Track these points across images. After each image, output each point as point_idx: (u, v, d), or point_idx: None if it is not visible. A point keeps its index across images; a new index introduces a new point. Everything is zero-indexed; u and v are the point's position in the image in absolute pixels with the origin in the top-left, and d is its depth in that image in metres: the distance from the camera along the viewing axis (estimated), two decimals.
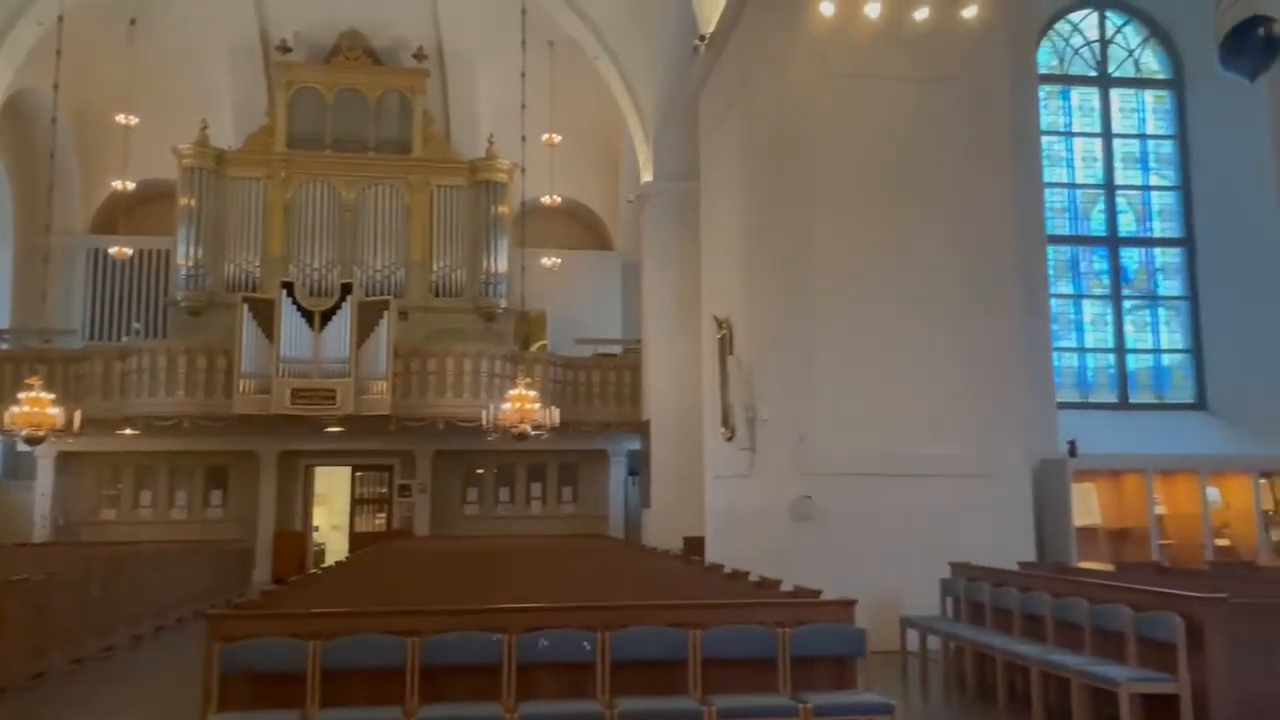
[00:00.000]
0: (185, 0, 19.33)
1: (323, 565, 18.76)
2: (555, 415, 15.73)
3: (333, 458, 21.18)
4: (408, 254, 20.38)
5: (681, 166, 17.83)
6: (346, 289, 18.31)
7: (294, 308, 17.91)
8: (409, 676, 5.69)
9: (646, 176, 18.98)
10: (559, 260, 20.40)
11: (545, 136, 17.69)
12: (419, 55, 20.94)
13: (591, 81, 19.51)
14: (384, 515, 21.51)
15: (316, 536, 21.70)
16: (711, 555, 13.48)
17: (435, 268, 20.42)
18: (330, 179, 20.32)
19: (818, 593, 6.88)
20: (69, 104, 20.34)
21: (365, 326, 18.06)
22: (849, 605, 6.30)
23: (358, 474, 21.62)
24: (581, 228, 24.27)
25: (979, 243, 11.68)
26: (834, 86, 11.66)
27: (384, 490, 21.62)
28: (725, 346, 12.55)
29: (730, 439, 12.36)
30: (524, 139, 16.12)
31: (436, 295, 20.43)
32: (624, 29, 17.96)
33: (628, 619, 6.11)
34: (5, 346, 19.45)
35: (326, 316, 18.00)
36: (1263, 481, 11.74)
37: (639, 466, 19.93)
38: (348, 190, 20.36)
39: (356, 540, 20.80)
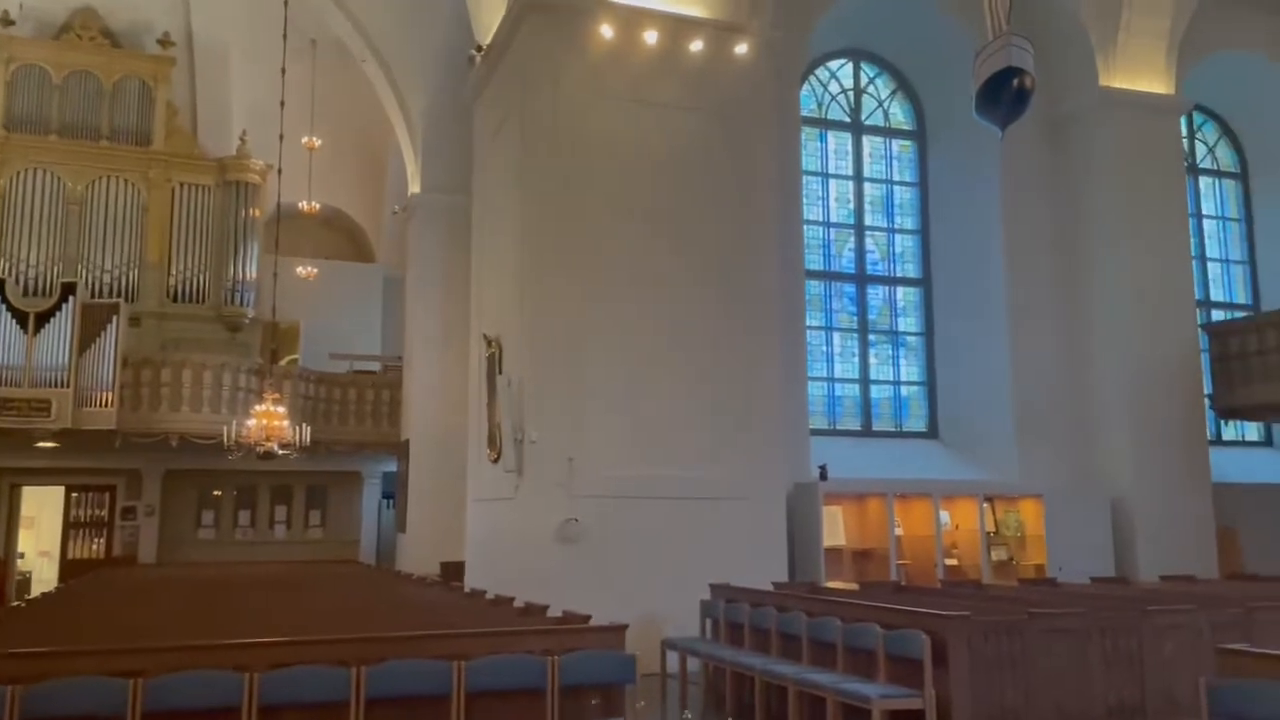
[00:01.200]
0: None
1: (27, 597, 16.66)
2: (306, 433, 14.80)
3: (44, 476, 18.91)
4: (143, 254, 18.64)
5: (452, 179, 17.39)
6: (69, 289, 16.47)
7: (3, 306, 15.89)
8: None
9: (414, 188, 18.36)
10: (315, 270, 19.36)
11: (305, 139, 16.73)
12: (164, 41, 19.31)
13: (357, 85, 18.70)
14: (103, 540, 19.40)
15: (21, 564, 19.28)
16: (471, 581, 13.07)
17: (174, 271, 18.80)
18: (54, 167, 18.29)
19: (586, 618, 6.72)
20: None
21: (89, 332, 16.31)
22: (619, 630, 6.17)
23: (73, 494, 19.40)
24: (341, 237, 23.20)
25: (744, 273, 12.06)
26: (611, 108, 11.72)
27: (104, 513, 19.51)
28: (494, 365, 12.24)
29: (496, 460, 12.04)
30: (282, 138, 15.13)
31: (174, 300, 18.80)
32: (394, 33, 17.34)
33: (385, 651, 5.68)
34: None
35: (43, 319, 16.11)
36: (985, 505, 12.78)
37: (395, 489, 19.14)
38: (75, 181, 18.39)
39: (69, 568, 18.64)
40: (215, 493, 19.98)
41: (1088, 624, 7.25)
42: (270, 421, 14.40)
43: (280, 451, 14.60)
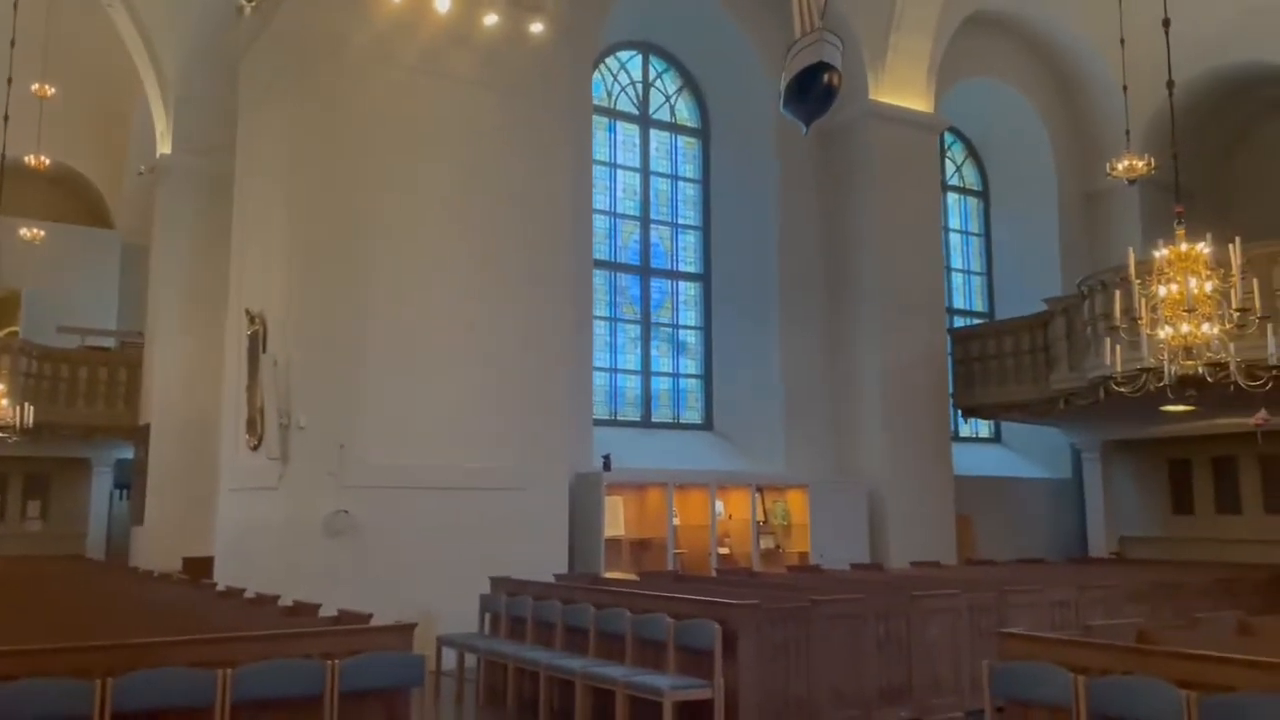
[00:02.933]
0: None
1: None
2: (30, 415, 13.09)
3: None
4: None
5: (209, 139, 15.92)
6: None
7: None
8: None
9: (164, 148, 16.72)
10: (42, 233, 17.25)
11: (35, 86, 14.81)
12: None
13: (100, 31, 16.80)
14: None
15: None
16: (222, 577, 12.01)
17: None
18: None
19: (368, 617, 6.23)
20: None
21: None
22: (406, 630, 5.76)
23: None
24: (71, 198, 20.83)
25: (533, 257, 11.78)
26: (397, 78, 11.10)
27: None
28: (258, 343, 11.30)
29: (257, 447, 11.12)
30: (10, 80, 13.30)
31: None
32: None
33: (135, 660, 5.00)
34: None
35: None
36: (756, 495, 13.17)
37: (131, 477, 17.39)
38: None
39: None
40: None
41: (865, 609, 7.54)
42: None
43: None
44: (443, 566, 10.37)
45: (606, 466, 12.10)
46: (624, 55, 15.15)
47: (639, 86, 15.26)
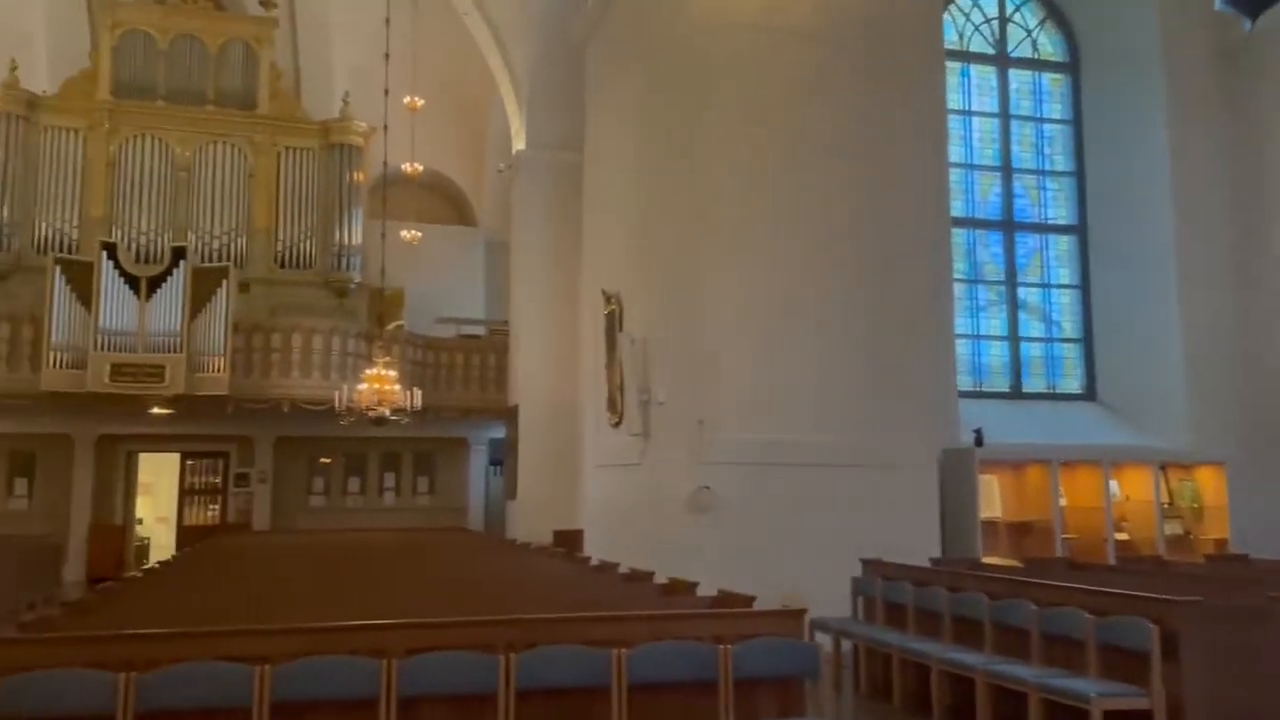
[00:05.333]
0: None
1: (145, 563, 16.71)
2: (417, 398, 14.30)
3: (160, 443, 18.99)
4: (250, 220, 18.42)
5: (559, 134, 16.63)
6: (179, 253, 16.32)
7: (116, 272, 15.80)
8: (257, 718, 4.38)
9: (519, 145, 17.68)
10: (419, 234, 18.87)
11: (407, 99, 16.15)
12: (266, 3, 18.96)
13: (458, 42, 18.04)
14: (217, 507, 19.45)
15: (140, 530, 19.47)
16: (590, 550, 12.42)
17: (281, 237, 18.54)
18: (162, 133, 18.14)
19: (750, 599, 5.91)
20: None
21: (200, 297, 16.14)
22: (795, 616, 5.35)
23: (188, 462, 19.47)
24: (442, 201, 22.76)
25: (885, 219, 11.04)
26: (738, 38, 10.75)
27: (218, 480, 19.55)
28: (614, 323, 11.48)
29: (618, 424, 11.31)
30: (387, 92, 14.57)
31: (282, 266, 18.56)
32: None
33: (535, 635, 4.97)
34: None
35: (155, 284, 15.98)
36: (1159, 473, 11.51)
37: (504, 455, 18.66)
38: (182, 147, 18.22)
39: (185, 535, 18.72)
40: (324, 460, 19.84)
41: None
42: (382, 385, 13.94)
43: (392, 417, 14.15)
44: (805, 545, 9.94)
45: (979, 442, 11.08)
46: None
47: (994, 24, 13.88)
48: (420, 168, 17.49)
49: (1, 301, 16.52)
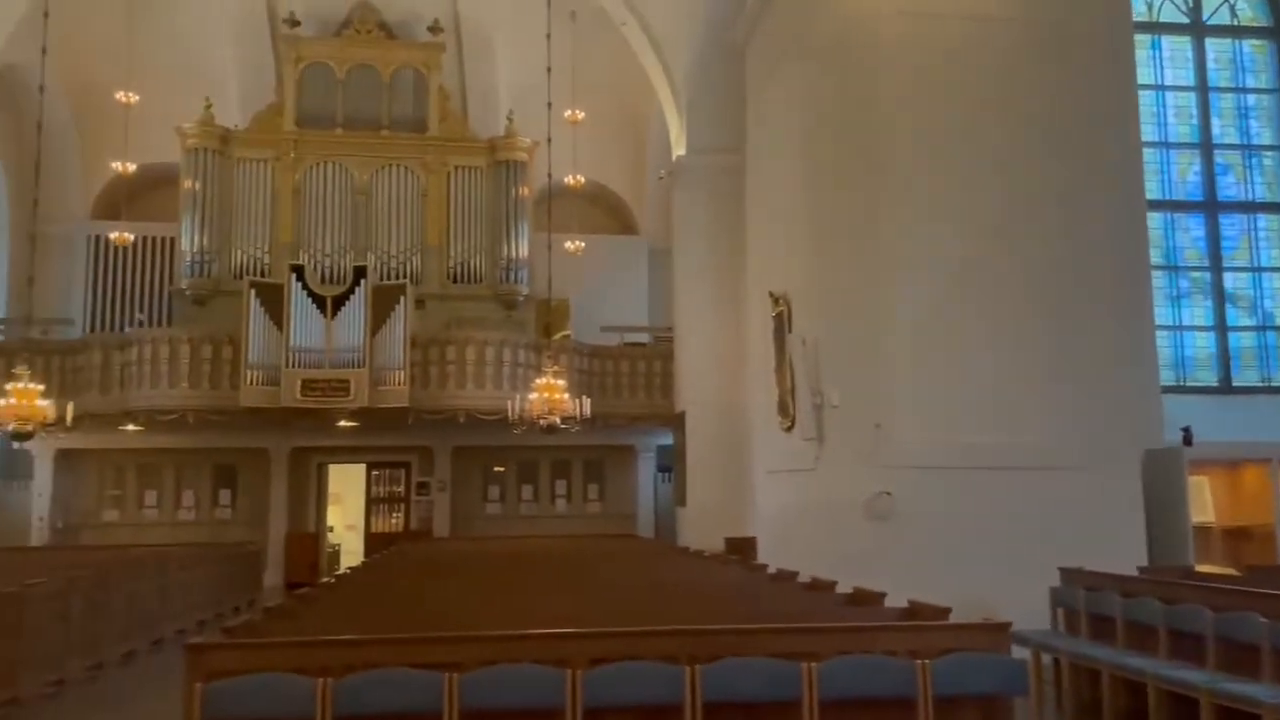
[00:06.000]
0: None
1: (337, 569, 17.57)
2: (586, 406, 14.45)
3: (346, 454, 20.00)
4: (423, 238, 19.14)
5: (719, 138, 16.50)
6: (360, 273, 17.08)
7: (304, 293, 16.68)
8: None
9: (679, 151, 17.65)
10: (583, 244, 19.11)
11: (568, 113, 16.37)
12: (434, 29, 19.70)
13: (615, 53, 18.18)
14: (400, 514, 20.30)
15: (331, 537, 20.53)
16: (764, 558, 12.17)
17: (452, 253, 19.19)
18: (342, 159, 19.09)
19: (945, 611, 5.57)
20: (68, 86, 19.25)
21: (380, 313, 16.84)
22: (1000, 629, 5.00)
23: (373, 472, 20.42)
24: (604, 211, 23.00)
25: (1073, 206, 10.36)
26: (903, 25, 10.33)
27: (400, 489, 20.41)
28: (783, 324, 11.23)
29: (790, 429, 11.05)
30: (550, 105, 14.79)
31: (454, 282, 19.20)
32: None
33: (719, 647, 4.82)
34: None
35: (339, 303, 16.77)
36: None
37: (672, 462, 18.63)
38: (360, 171, 19.12)
39: (372, 541, 19.61)
40: (498, 468, 20.36)
41: None
42: (552, 394, 14.15)
43: (562, 425, 14.33)
44: (994, 553, 9.39)
45: (1187, 441, 10.23)
46: None
47: None
48: (583, 179, 17.75)
49: (203, 324, 17.73)
